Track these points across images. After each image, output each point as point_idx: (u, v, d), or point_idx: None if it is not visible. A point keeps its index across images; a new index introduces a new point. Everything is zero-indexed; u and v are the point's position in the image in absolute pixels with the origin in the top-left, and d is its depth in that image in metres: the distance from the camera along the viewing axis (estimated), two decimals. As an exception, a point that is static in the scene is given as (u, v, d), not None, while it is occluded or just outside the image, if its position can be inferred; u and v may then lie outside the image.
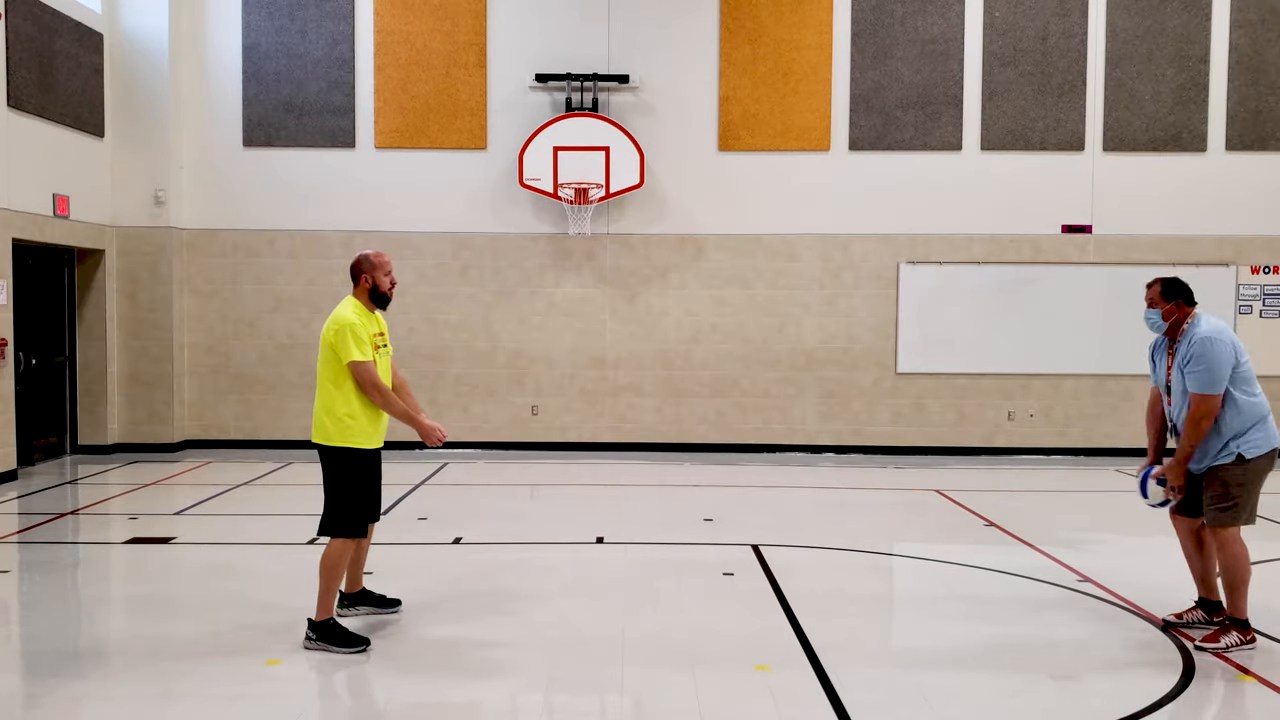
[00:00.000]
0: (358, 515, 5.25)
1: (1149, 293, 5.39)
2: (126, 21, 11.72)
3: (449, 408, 12.15)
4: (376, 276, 5.34)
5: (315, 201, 12.09)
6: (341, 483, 5.21)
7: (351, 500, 5.22)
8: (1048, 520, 8.50)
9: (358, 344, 5.12)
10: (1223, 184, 12.00)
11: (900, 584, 6.88)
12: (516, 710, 4.50)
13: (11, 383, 9.99)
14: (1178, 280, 5.35)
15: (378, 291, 5.37)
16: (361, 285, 5.35)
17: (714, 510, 8.77)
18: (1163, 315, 5.35)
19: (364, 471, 5.26)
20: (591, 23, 11.99)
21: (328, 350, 5.18)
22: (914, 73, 11.98)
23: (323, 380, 5.22)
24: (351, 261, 5.41)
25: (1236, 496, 5.14)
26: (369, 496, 5.31)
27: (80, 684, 4.72)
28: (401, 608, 5.72)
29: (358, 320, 5.18)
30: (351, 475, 5.21)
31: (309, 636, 5.14)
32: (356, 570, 5.60)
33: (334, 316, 5.21)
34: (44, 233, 10.54)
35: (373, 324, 5.31)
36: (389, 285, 5.41)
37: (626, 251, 12.14)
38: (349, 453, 5.19)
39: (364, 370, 5.12)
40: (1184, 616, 5.55)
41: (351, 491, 5.21)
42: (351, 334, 5.12)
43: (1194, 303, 5.35)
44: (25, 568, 6.92)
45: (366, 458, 5.26)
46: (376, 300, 5.39)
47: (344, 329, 5.12)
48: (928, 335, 12.08)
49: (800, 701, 4.48)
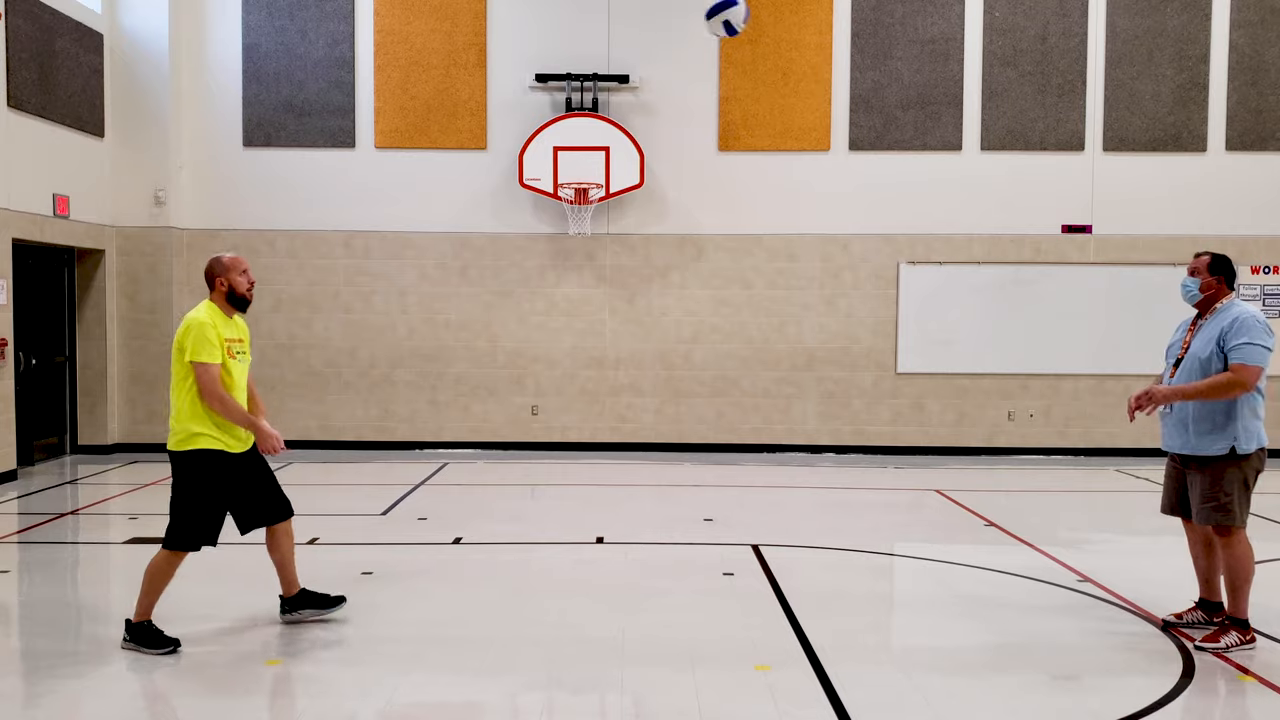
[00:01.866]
0: (195, 529, 5.08)
1: (1195, 262, 5.35)
2: (126, 21, 11.72)
3: (449, 408, 12.15)
4: (232, 278, 5.19)
5: (315, 201, 12.09)
6: (184, 491, 5.09)
7: (192, 511, 5.07)
8: (1048, 520, 8.50)
9: (205, 344, 4.99)
10: (1223, 184, 12.00)
11: (900, 584, 6.88)
12: (516, 710, 4.50)
13: (11, 383, 10.00)
14: (1227, 259, 5.33)
15: (235, 294, 5.21)
16: (217, 289, 5.19)
17: (714, 510, 8.77)
18: (1201, 286, 5.32)
19: (213, 479, 5.10)
20: (591, 23, 11.99)
21: (176, 350, 5.07)
22: (914, 73, 11.99)
23: (173, 384, 5.13)
24: (205, 266, 5.29)
25: (1228, 495, 5.12)
26: (215, 509, 5.14)
27: (80, 684, 4.72)
28: (345, 604, 5.59)
29: (209, 321, 5.06)
30: (196, 483, 5.07)
31: (124, 638, 5.10)
32: (288, 574, 5.47)
33: (186, 317, 5.10)
34: (44, 233, 10.54)
35: (230, 329, 5.18)
36: (246, 287, 5.25)
37: (626, 251, 12.14)
38: (195, 457, 5.06)
39: (205, 372, 4.98)
40: (1184, 616, 5.54)
41: (193, 502, 5.07)
42: (199, 333, 4.99)
43: (1234, 286, 5.36)
44: (25, 568, 6.92)
45: (217, 462, 5.10)
46: (234, 303, 5.23)
47: (191, 327, 5.01)
48: (928, 335, 12.08)
49: (800, 701, 4.48)
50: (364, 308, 12.12)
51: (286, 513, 5.44)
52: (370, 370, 12.16)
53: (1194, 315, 5.47)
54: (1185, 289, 5.40)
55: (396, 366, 12.17)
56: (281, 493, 5.46)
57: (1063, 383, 12.15)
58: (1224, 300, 5.30)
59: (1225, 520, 5.13)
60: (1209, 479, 5.17)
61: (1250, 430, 5.15)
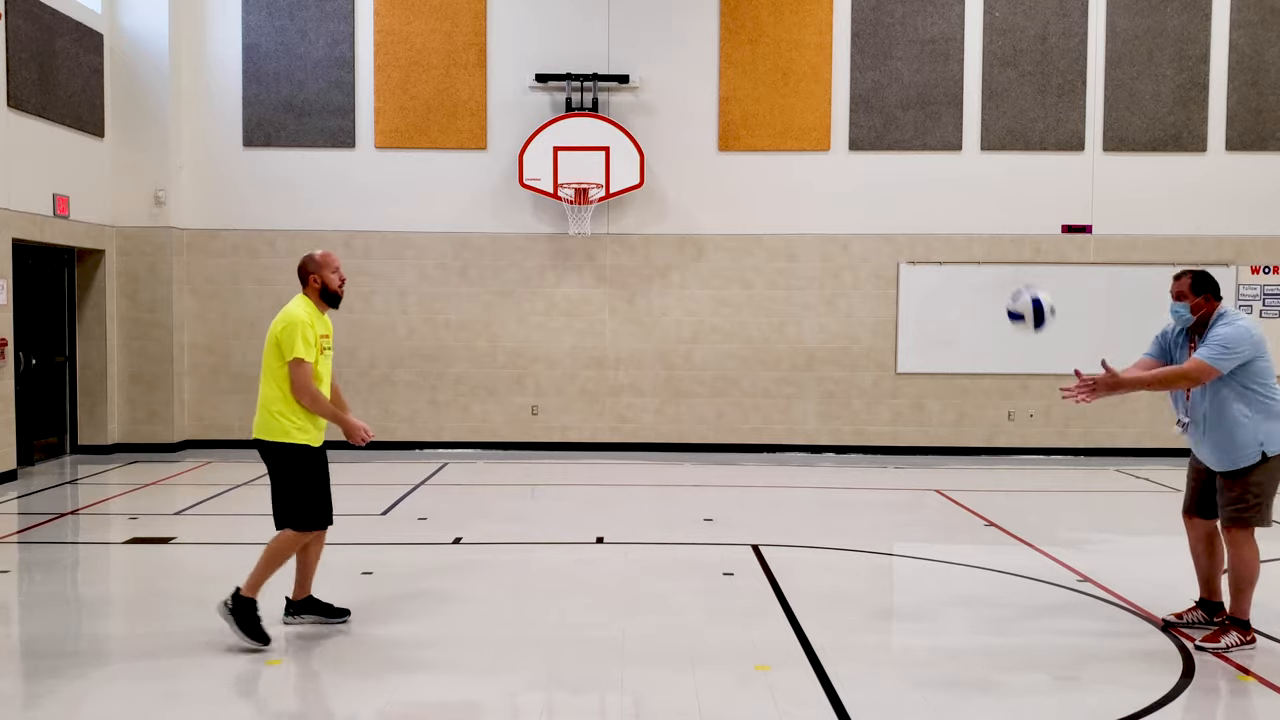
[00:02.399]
0: (312, 508, 5.25)
1: (1177, 285, 5.31)
2: (126, 21, 11.72)
3: (449, 408, 12.15)
4: (325, 276, 5.28)
5: (315, 201, 12.08)
6: (289, 478, 5.21)
7: (303, 494, 5.22)
8: (1048, 520, 8.50)
9: (305, 343, 5.08)
10: (1223, 184, 12.00)
11: (900, 584, 6.88)
12: (516, 710, 4.50)
13: (11, 383, 9.99)
14: (1207, 274, 5.30)
15: (328, 291, 5.31)
16: (311, 285, 5.29)
17: (714, 510, 8.77)
18: (1191, 309, 5.29)
19: (309, 468, 5.25)
20: (591, 23, 11.99)
21: (274, 346, 5.14)
22: (914, 73, 11.99)
23: (266, 376, 5.19)
24: (298, 263, 5.35)
25: (1258, 499, 5.11)
26: (320, 492, 5.29)
27: (80, 684, 4.72)
28: (350, 618, 5.56)
29: (307, 319, 5.14)
30: (297, 470, 5.21)
31: (225, 603, 5.13)
32: (305, 577, 5.52)
33: (285, 313, 5.17)
34: (44, 233, 10.54)
35: (321, 325, 5.28)
36: (338, 284, 5.34)
37: (626, 251, 12.14)
38: (291, 448, 5.18)
39: (301, 371, 5.08)
40: (1184, 616, 5.55)
41: (301, 486, 5.21)
42: (300, 332, 5.08)
43: (1220, 297, 5.33)
44: (25, 568, 6.92)
45: (309, 454, 5.24)
46: (327, 299, 5.33)
47: (293, 325, 5.09)
48: (928, 335, 12.08)
49: (800, 701, 4.48)
50: (364, 308, 12.11)
51: (331, 516, 5.50)
52: (370, 370, 12.16)
53: (1185, 332, 5.42)
54: (1176, 315, 5.34)
55: (396, 366, 12.17)
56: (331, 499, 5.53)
57: (1063, 382, 12.05)
58: (1216, 313, 5.27)
59: (1253, 522, 5.13)
60: (1237, 483, 5.14)
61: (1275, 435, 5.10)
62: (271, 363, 5.17)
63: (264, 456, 5.27)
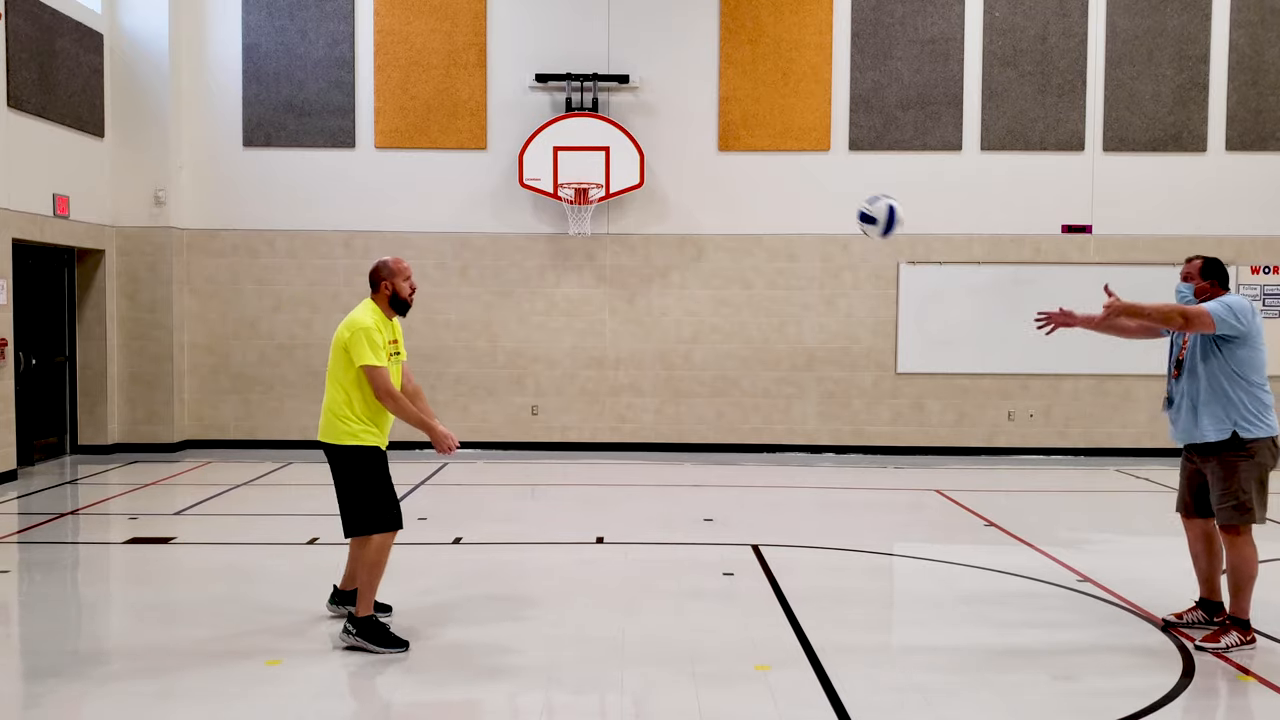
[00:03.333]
0: (391, 507, 5.25)
1: (1188, 266, 5.42)
2: (126, 21, 11.72)
3: (449, 408, 12.15)
4: (397, 283, 5.31)
5: (315, 201, 12.08)
6: (358, 480, 5.21)
7: (375, 495, 5.22)
8: (1048, 520, 8.50)
9: (372, 348, 5.11)
10: (1223, 184, 12.00)
11: (900, 584, 6.88)
12: (516, 710, 4.50)
13: (11, 383, 9.99)
14: (1219, 262, 5.39)
15: (398, 298, 5.34)
16: (381, 292, 5.32)
17: (714, 510, 8.77)
18: (1195, 290, 5.37)
19: (380, 469, 5.27)
20: (591, 23, 11.99)
21: (340, 351, 5.17)
22: (914, 73, 11.99)
23: (332, 380, 5.22)
24: (371, 268, 5.37)
25: (1247, 494, 5.14)
26: (393, 492, 5.31)
27: (80, 684, 4.72)
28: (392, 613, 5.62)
29: (374, 325, 5.17)
30: (366, 472, 5.21)
31: (348, 630, 5.14)
32: (355, 567, 5.52)
33: (351, 319, 5.20)
34: (44, 233, 10.54)
35: (389, 330, 5.31)
36: (409, 291, 5.37)
37: (626, 251, 12.14)
38: (358, 451, 5.20)
39: (378, 375, 5.11)
40: (1184, 616, 5.55)
41: (371, 487, 5.21)
42: (366, 338, 5.11)
43: (1227, 287, 5.39)
44: (25, 568, 6.92)
45: (378, 456, 5.27)
46: (396, 307, 5.36)
47: (359, 332, 5.12)
48: (928, 335, 12.08)
49: (800, 701, 4.48)
50: (364, 308, 12.09)
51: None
52: (370, 370, 12.13)
53: None
54: (1179, 294, 5.45)
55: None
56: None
57: (1063, 383, 12.15)
58: None
59: (1245, 520, 5.15)
60: (1224, 475, 5.17)
61: (1256, 418, 5.14)
62: (337, 368, 5.20)
63: (332, 460, 5.27)
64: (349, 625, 5.16)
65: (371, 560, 5.21)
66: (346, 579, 5.59)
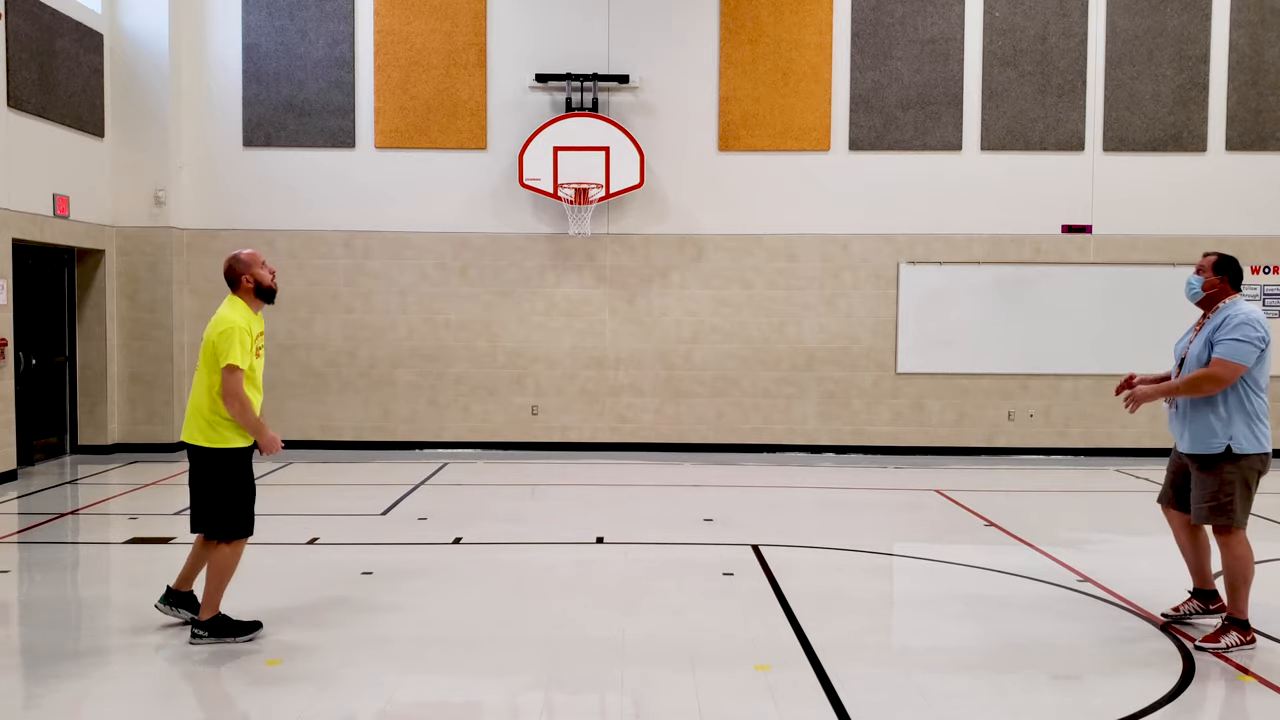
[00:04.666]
0: (248, 515, 5.23)
1: (1203, 260, 5.40)
2: (126, 21, 11.72)
3: (449, 408, 12.15)
4: (256, 273, 5.23)
5: (315, 201, 12.08)
6: (222, 484, 5.17)
7: (237, 499, 5.19)
8: (1048, 520, 8.50)
9: (241, 348, 5.04)
10: (1223, 184, 12.00)
11: (900, 584, 6.88)
12: (516, 710, 4.50)
13: (11, 383, 9.99)
14: (1235, 261, 5.37)
15: (261, 288, 5.26)
16: (244, 286, 5.23)
17: (714, 510, 8.77)
18: (1204, 285, 5.36)
19: (244, 471, 5.23)
20: (591, 23, 11.99)
21: (209, 349, 5.10)
22: (914, 73, 11.98)
23: (199, 379, 5.16)
24: (224, 265, 5.27)
25: (1229, 497, 5.14)
26: (251, 495, 5.26)
27: (80, 684, 4.72)
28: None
29: (245, 325, 5.10)
30: (231, 475, 5.17)
31: (197, 636, 5.13)
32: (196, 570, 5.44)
33: (221, 317, 5.11)
34: (44, 233, 10.54)
35: (255, 324, 5.25)
36: (270, 278, 5.30)
37: (626, 251, 12.14)
38: (228, 454, 5.15)
39: (233, 375, 5.02)
40: (1180, 609, 5.60)
41: (234, 491, 5.18)
42: (237, 337, 5.03)
43: (1239, 288, 5.38)
44: (25, 568, 6.92)
45: (244, 457, 5.22)
46: (263, 296, 5.28)
47: (230, 331, 5.04)
48: (928, 335, 12.08)
49: (800, 701, 4.48)
50: (364, 308, 12.12)
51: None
52: (370, 370, 12.16)
53: (1201, 315, 5.49)
54: (1189, 286, 5.45)
55: (396, 366, 12.17)
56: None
57: (1063, 383, 12.15)
58: (1227, 300, 5.32)
59: (1224, 521, 5.16)
60: (1209, 478, 5.19)
61: (1250, 432, 5.15)
62: (205, 369, 5.13)
63: (198, 462, 5.20)
64: (197, 631, 5.14)
65: (226, 565, 5.20)
66: (183, 580, 5.45)
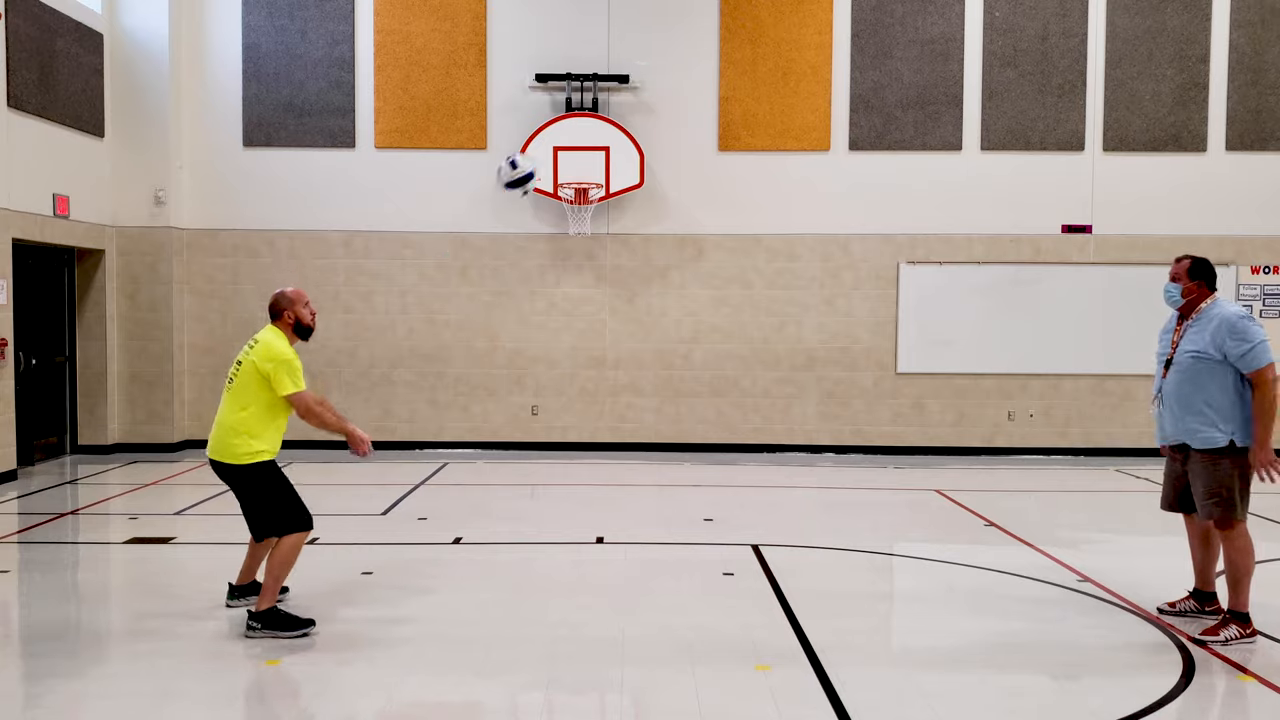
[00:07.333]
0: (298, 509, 5.46)
1: (1175, 267, 5.42)
2: (126, 21, 11.72)
3: (449, 408, 12.15)
4: (299, 311, 5.56)
5: (315, 201, 12.08)
6: (264, 492, 5.45)
7: (282, 499, 5.44)
8: (1048, 520, 8.50)
9: (291, 375, 5.35)
10: (1223, 184, 12.00)
11: (900, 583, 6.88)
12: (516, 710, 4.50)
13: (11, 383, 9.99)
14: (1206, 262, 5.39)
15: (301, 325, 5.58)
16: (284, 320, 5.53)
17: (714, 510, 8.77)
18: (1182, 292, 5.39)
19: (278, 476, 5.50)
20: (591, 23, 11.99)
21: (252, 373, 5.35)
22: (914, 73, 11.98)
23: (240, 401, 5.40)
24: (270, 300, 5.56)
25: (1231, 489, 5.17)
26: (295, 493, 5.52)
27: (80, 684, 4.72)
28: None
29: (292, 355, 5.39)
30: (268, 482, 5.44)
31: (252, 627, 5.28)
32: (254, 565, 5.80)
33: (269, 348, 5.36)
34: (44, 233, 10.54)
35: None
36: (310, 318, 5.61)
37: (626, 251, 12.14)
38: (260, 467, 5.44)
39: (300, 401, 5.38)
40: (1177, 605, 5.63)
41: (277, 493, 5.44)
42: (288, 370, 5.34)
43: (1215, 288, 5.40)
44: (25, 568, 6.92)
45: (274, 466, 5.51)
46: (300, 333, 5.61)
47: (281, 365, 5.34)
48: (928, 335, 12.08)
49: (800, 701, 4.48)
50: (364, 308, 12.12)
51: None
52: (370, 370, 12.16)
53: (1177, 316, 5.54)
54: (1168, 294, 5.48)
55: (396, 366, 12.17)
56: None
57: (1063, 383, 12.14)
58: (1206, 302, 5.36)
59: (1228, 514, 5.19)
60: (1210, 473, 5.21)
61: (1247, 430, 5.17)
62: (247, 392, 5.39)
63: (229, 478, 5.48)
64: (252, 622, 5.29)
65: (285, 559, 5.40)
66: (244, 575, 5.81)
